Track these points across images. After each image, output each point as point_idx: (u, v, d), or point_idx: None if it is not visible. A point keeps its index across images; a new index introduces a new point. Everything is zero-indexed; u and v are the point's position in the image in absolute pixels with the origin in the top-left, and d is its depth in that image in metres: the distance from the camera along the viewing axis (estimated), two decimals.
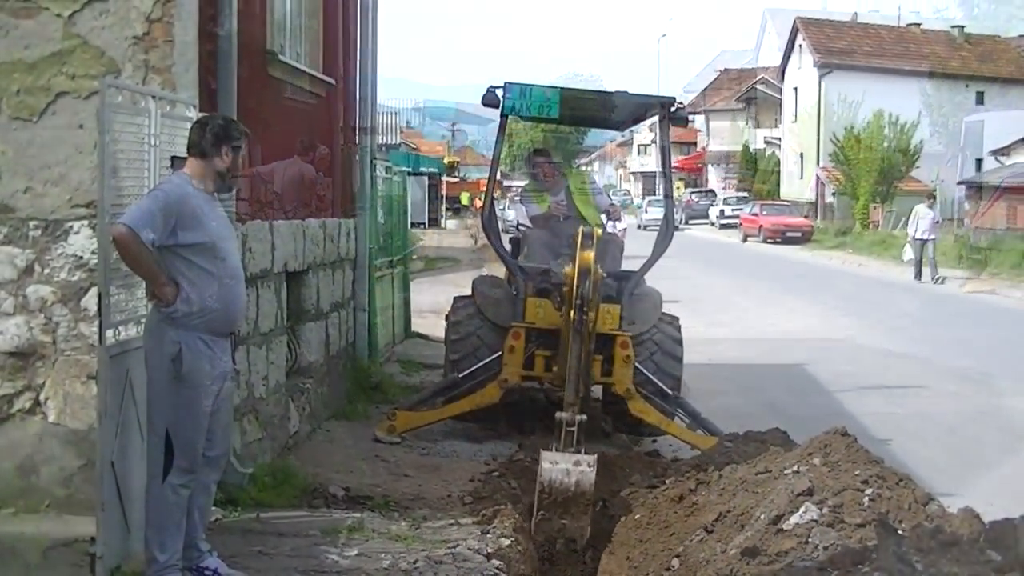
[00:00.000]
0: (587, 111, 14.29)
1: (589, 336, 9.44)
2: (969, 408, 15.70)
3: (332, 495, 9.42)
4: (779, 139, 77.53)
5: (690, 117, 15.20)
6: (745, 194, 75.72)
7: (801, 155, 70.62)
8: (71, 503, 8.20)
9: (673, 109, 12.61)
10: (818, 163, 66.25)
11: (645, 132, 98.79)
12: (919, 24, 74.69)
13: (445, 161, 75.40)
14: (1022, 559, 5.77)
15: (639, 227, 65.23)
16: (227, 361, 7.12)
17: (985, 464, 12.61)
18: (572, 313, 8.96)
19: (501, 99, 12.13)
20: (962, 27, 73.98)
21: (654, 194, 78.54)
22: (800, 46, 71.06)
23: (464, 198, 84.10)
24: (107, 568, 6.90)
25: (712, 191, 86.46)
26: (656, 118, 13.23)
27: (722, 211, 73.28)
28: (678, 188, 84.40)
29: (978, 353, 20.79)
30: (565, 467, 8.32)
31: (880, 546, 5.83)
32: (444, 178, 72.62)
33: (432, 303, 22.68)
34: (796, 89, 72.32)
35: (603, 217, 13.41)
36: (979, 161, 59.43)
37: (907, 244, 37.42)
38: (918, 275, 35.46)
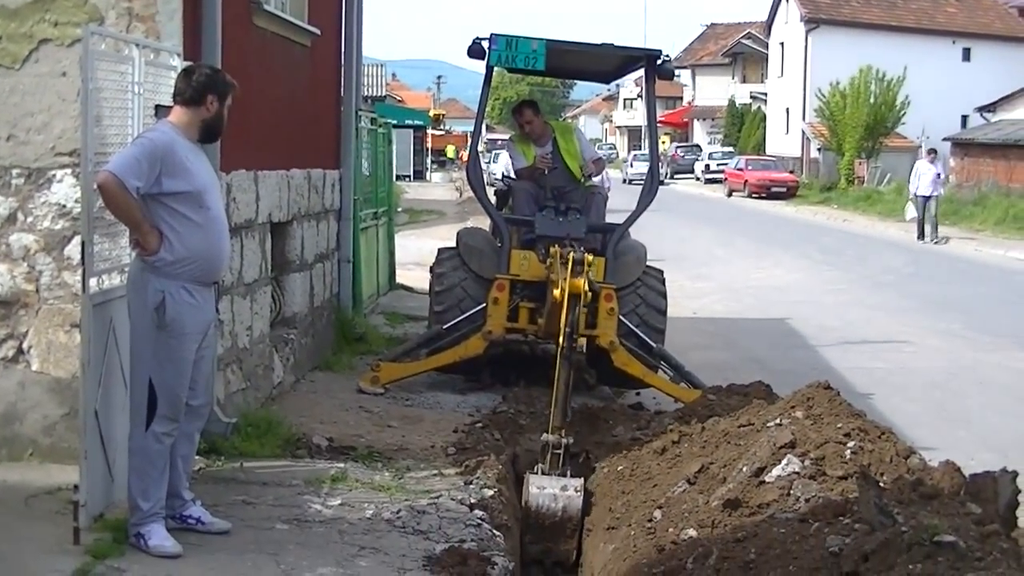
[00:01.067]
0: (573, 63, 14.24)
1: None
2: (951, 363, 15.77)
3: (316, 445, 9.43)
4: (765, 94, 77.39)
5: (676, 71, 15.11)
6: (731, 149, 75.71)
7: (787, 110, 70.53)
8: (54, 451, 8.22)
9: (659, 62, 12.57)
10: (804, 118, 66.19)
11: (631, 86, 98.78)
12: None
13: (431, 114, 75.21)
14: (1001, 512, 5.81)
15: (624, 181, 65.31)
16: (211, 310, 7.11)
17: (966, 419, 12.69)
18: (561, 339, 8.93)
19: (487, 50, 12.07)
20: None
21: (640, 148, 78.41)
22: (787, 1, 70.82)
23: (450, 151, 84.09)
24: (90, 516, 6.91)
25: (698, 146, 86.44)
26: (642, 71, 13.20)
27: (707, 166, 73.23)
28: (663, 142, 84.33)
29: (961, 308, 20.89)
30: (552, 492, 8.30)
31: (861, 498, 5.85)
32: (430, 131, 72.50)
33: (417, 255, 22.69)
34: (783, 44, 72.12)
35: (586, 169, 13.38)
36: (964, 118, 59.49)
37: (909, 202, 36.03)
38: (921, 235, 34.13)
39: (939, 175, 34.43)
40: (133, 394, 6.93)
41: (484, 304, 12.05)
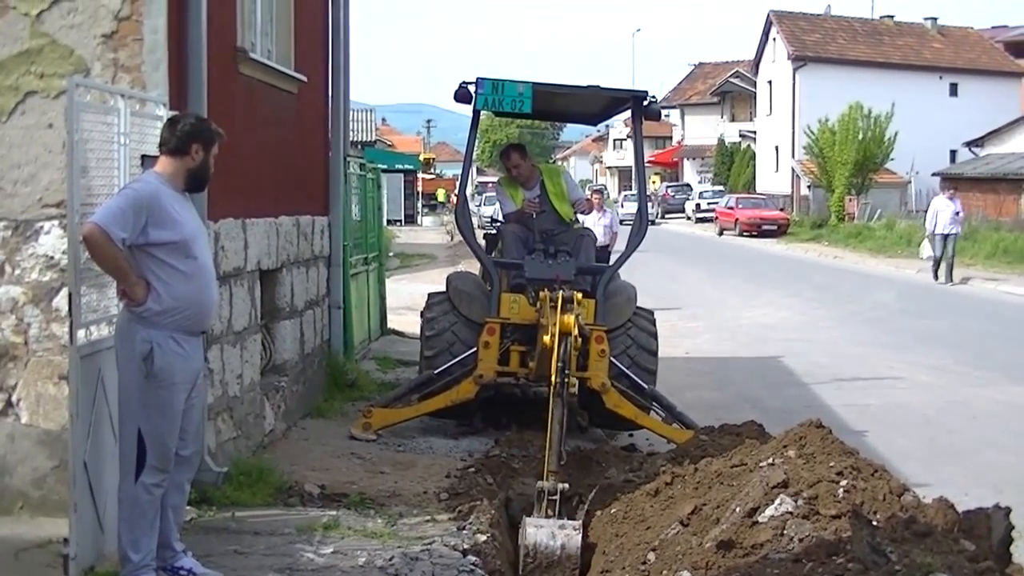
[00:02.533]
0: (560, 105, 14.28)
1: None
2: (944, 399, 15.74)
3: (307, 493, 9.40)
4: (754, 132, 77.73)
5: (664, 111, 15.15)
6: (721, 188, 75.92)
7: (776, 148, 70.80)
8: (44, 504, 8.17)
9: (646, 103, 12.61)
10: (793, 156, 66.44)
11: (621, 127, 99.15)
12: (892, 16, 75.09)
13: (421, 158, 75.46)
14: (995, 548, 5.80)
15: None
16: (199, 359, 7.10)
17: (959, 454, 12.65)
18: (553, 377, 8.88)
19: (473, 94, 12.10)
20: (935, 18, 74.47)
21: (630, 188, 78.60)
22: (774, 39, 71.25)
23: (440, 195, 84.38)
24: (81, 569, 6.88)
25: (688, 185, 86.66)
26: (629, 112, 13.24)
27: (698, 205, 73.39)
28: (653, 182, 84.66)
29: (952, 343, 20.87)
30: (550, 530, 8.19)
31: (854, 537, 5.84)
32: (420, 175, 72.71)
33: (408, 299, 22.68)
34: (770, 82, 72.50)
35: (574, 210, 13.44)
36: (953, 152, 59.76)
37: (925, 240, 34.55)
38: (937, 275, 32.69)
39: (957, 212, 32.92)
40: (122, 445, 6.90)
41: (475, 348, 12.03)
